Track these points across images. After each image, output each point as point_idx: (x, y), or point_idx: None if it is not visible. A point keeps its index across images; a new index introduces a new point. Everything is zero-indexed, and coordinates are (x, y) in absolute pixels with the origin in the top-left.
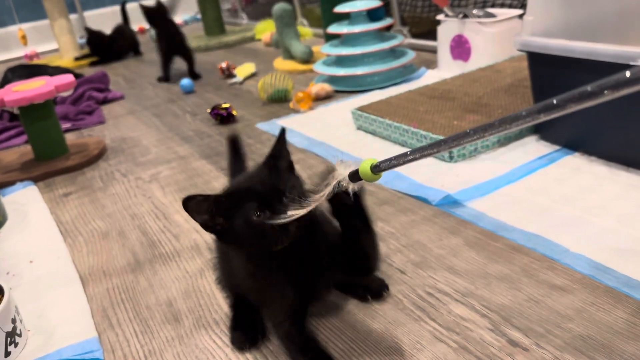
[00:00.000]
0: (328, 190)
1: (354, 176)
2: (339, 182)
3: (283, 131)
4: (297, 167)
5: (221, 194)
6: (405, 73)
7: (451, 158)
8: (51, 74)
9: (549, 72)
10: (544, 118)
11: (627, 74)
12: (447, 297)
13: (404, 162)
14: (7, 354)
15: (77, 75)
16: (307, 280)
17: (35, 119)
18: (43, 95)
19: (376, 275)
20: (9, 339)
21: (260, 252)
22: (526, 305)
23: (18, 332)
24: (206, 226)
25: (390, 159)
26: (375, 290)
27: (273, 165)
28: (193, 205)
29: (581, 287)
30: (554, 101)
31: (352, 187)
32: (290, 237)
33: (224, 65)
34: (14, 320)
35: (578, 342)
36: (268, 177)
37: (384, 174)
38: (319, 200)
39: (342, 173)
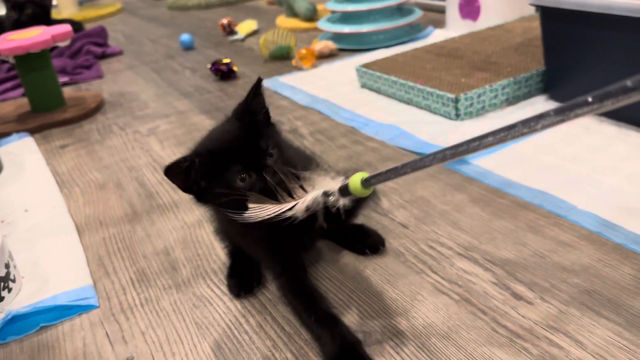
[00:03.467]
0: (310, 198)
1: (344, 190)
2: (327, 195)
3: (259, 81)
4: (299, 124)
5: (201, 154)
6: (412, 32)
7: (458, 116)
8: None
9: (562, 28)
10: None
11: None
12: (449, 250)
13: (396, 176)
14: (1, 298)
15: (76, 29)
16: (294, 232)
17: (32, 69)
18: (39, 44)
19: (374, 229)
20: (2, 284)
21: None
22: (531, 260)
23: (12, 277)
24: (185, 189)
25: (381, 173)
26: (372, 245)
27: (250, 120)
28: (173, 172)
29: (588, 244)
30: (589, 98)
31: (342, 202)
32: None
33: (225, 21)
34: (7, 266)
35: (584, 297)
36: (245, 133)
37: (388, 130)
38: (300, 208)
39: (331, 186)
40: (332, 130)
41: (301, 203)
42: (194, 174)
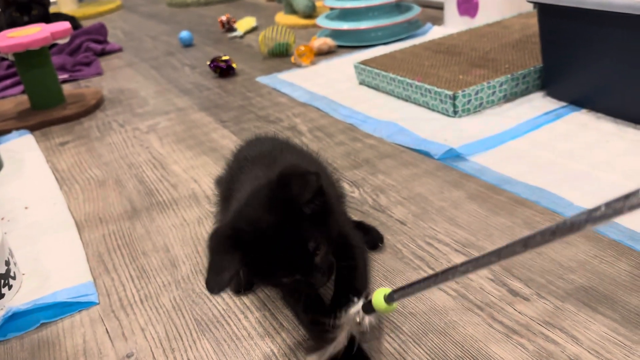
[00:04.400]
0: (345, 333)
1: (368, 308)
2: (354, 320)
3: (318, 177)
4: (298, 121)
5: (243, 261)
6: (410, 29)
7: (455, 113)
8: None
9: (560, 25)
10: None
11: None
12: (446, 247)
13: (420, 290)
14: (1, 295)
15: (75, 26)
16: None
17: (31, 66)
18: (39, 42)
19: (373, 226)
20: (2, 280)
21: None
22: (528, 256)
23: (12, 274)
24: None
25: (404, 287)
26: (371, 241)
27: (300, 217)
28: (222, 288)
29: (584, 240)
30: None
31: (367, 320)
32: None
33: (224, 18)
34: (7, 263)
35: (580, 293)
36: (294, 235)
37: (386, 127)
38: (344, 337)
39: (354, 310)
40: (331, 127)
41: (340, 340)
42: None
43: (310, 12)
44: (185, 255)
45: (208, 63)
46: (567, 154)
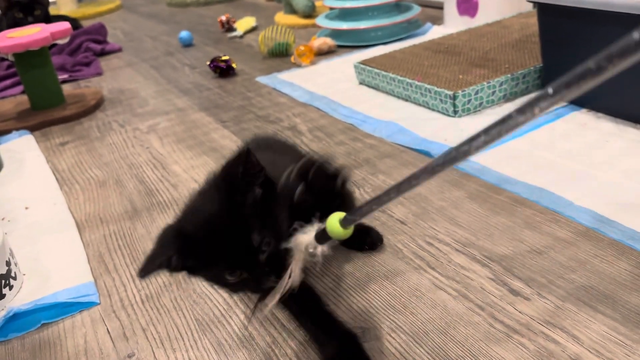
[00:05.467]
0: (298, 267)
1: (322, 236)
2: (306, 249)
3: (247, 151)
4: (298, 121)
5: (178, 251)
6: (410, 28)
7: (455, 112)
8: None
9: (559, 25)
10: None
11: (636, 35)
12: (447, 247)
13: (379, 206)
14: (2, 296)
15: (76, 28)
16: None
17: (31, 66)
18: (39, 42)
19: (372, 227)
20: (3, 281)
21: None
22: (528, 256)
23: (13, 275)
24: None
25: (361, 206)
26: (370, 242)
27: (240, 202)
28: (147, 272)
29: (585, 240)
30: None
31: (320, 249)
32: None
33: (223, 18)
34: (8, 263)
35: (581, 292)
36: (237, 224)
37: (386, 127)
38: (297, 278)
39: (306, 240)
40: (331, 127)
41: (295, 274)
42: (173, 268)
43: (310, 12)
44: None
45: (208, 63)
46: (567, 154)
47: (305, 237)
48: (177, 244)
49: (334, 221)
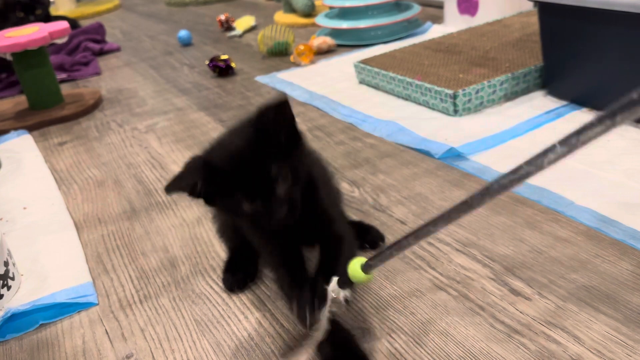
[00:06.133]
0: (324, 319)
1: (344, 281)
2: (329, 296)
3: (284, 99)
4: (298, 120)
5: (203, 174)
6: (410, 27)
7: (456, 112)
8: None
9: (560, 24)
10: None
11: None
12: (447, 247)
13: (399, 251)
14: (0, 296)
15: (74, 25)
16: (294, 235)
17: (29, 66)
18: (37, 41)
19: (372, 225)
20: (1, 281)
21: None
22: (529, 256)
23: (11, 275)
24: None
25: (382, 252)
26: (371, 241)
27: (267, 139)
28: (174, 189)
29: (586, 239)
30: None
31: (342, 294)
32: (282, 223)
33: (223, 17)
34: (6, 264)
35: (582, 292)
36: (260, 156)
37: (386, 126)
38: (323, 329)
39: (330, 287)
40: (331, 126)
41: (322, 326)
42: (197, 193)
43: (310, 11)
44: (185, 255)
45: (207, 62)
46: None
47: (329, 286)
48: (204, 171)
49: (356, 266)
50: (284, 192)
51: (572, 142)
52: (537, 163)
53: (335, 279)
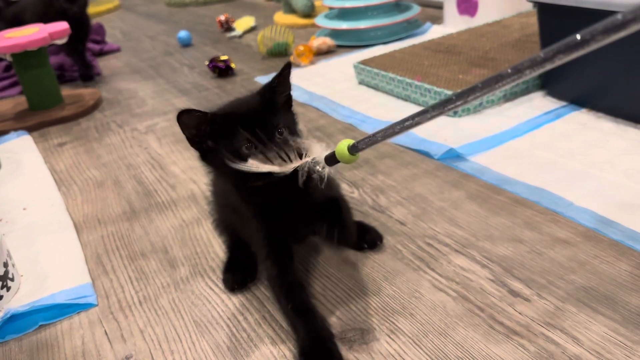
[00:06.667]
0: (299, 164)
1: (331, 159)
2: (314, 163)
3: (288, 65)
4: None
5: (216, 113)
6: (410, 28)
7: (455, 113)
8: None
9: (560, 25)
10: (529, 74)
11: (619, 16)
12: (446, 247)
13: (384, 138)
14: (0, 297)
15: None
16: (285, 219)
17: (29, 67)
18: (37, 42)
19: (372, 226)
20: (1, 282)
21: (240, 181)
22: (528, 257)
23: (10, 276)
24: (193, 142)
25: (368, 136)
26: (370, 241)
27: (270, 97)
28: (186, 118)
29: (585, 240)
30: (541, 54)
31: (327, 170)
32: (266, 179)
33: (222, 18)
34: (5, 265)
35: (581, 293)
36: (263, 108)
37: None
38: (286, 169)
39: (318, 153)
40: (330, 127)
41: (291, 165)
42: (205, 126)
43: (309, 12)
44: (184, 256)
45: (207, 63)
46: (567, 154)
47: (319, 151)
48: (215, 112)
49: (343, 147)
50: (282, 140)
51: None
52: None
53: (323, 154)
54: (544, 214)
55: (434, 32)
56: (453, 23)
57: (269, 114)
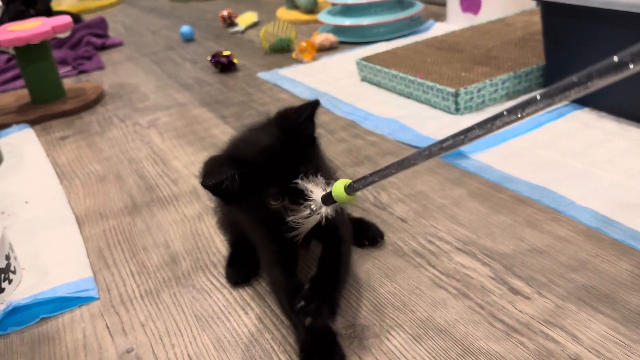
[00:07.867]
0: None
1: (328, 199)
2: (311, 209)
3: (316, 104)
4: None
5: (242, 168)
6: (413, 25)
7: (457, 110)
8: None
9: (563, 23)
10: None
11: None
12: (447, 245)
13: (381, 178)
14: (1, 290)
15: (76, 20)
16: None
17: (32, 60)
18: (39, 36)
19: (373, 223)
20: (2, 275)
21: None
22: (529, 255)
23: (12, 269)
24: (216, 196)
25: (365, 177)
26: (371, 238)
27: (295, 139)
28: (213, 188)
29: (586, 239)
30: (574, 79)
31: (324, 210)
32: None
33: (225, 13)
34: (7, 257)
35: (581, 292)
36: (290, 155)
37: (388, 124)
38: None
39: (316, 194)
40: (332, 123)
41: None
42: (233, 190)
43: (312, 8)
44: (186, 251)
45: (209, 58)
46: (569, 153)
47: (317, 191)
48: (237, 166)
49: (340, 187)
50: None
51: (517, 113)
52: (486, 127)
53: (320, 195)
54: (545, 212)
55: (436, 29)
56: (456, 20)
57: (295, 160)
